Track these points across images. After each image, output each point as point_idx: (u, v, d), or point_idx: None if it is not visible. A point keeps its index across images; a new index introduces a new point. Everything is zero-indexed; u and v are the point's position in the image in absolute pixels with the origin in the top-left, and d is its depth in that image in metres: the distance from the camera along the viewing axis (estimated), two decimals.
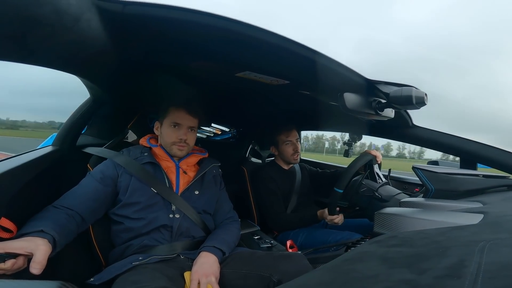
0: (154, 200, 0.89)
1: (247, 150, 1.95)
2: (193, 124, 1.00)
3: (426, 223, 0.58)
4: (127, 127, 1.26)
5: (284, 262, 0.78)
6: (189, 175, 0.99)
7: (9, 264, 0.57)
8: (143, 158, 0.95)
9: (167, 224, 0.88)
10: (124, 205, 0.88)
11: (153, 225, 0.87)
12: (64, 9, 0.43)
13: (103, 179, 0.88)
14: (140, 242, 0.86)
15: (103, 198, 0.87)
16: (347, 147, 1.62)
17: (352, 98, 0.80)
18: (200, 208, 0.96)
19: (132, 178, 0.90)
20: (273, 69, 0.83)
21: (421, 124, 1.15)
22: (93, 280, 0.75)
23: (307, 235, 1.29)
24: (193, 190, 0.97)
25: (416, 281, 0.27)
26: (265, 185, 1.42)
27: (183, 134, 0.97)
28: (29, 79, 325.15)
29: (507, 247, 0.33)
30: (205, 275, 0.75)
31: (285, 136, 1.45)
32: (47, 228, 0.67)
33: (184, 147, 0.98)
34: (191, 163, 1.03)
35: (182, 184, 0.96)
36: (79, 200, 0.82)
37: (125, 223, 0.87)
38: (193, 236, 0.93)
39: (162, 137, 0.99)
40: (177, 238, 0.90)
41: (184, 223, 0.91)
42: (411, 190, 1.55)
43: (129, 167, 0.91)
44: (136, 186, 0.89)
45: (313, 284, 0.34)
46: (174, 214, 0.90)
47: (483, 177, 0.89)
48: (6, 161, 0.82)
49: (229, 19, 0.57)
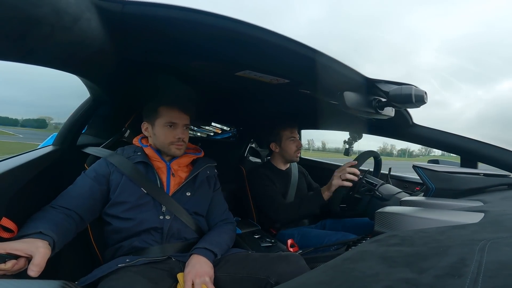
0: (143, 200, 0.88)
1: (246, 149, 1.95)
2: (187, 122, 0.99)
3: (426, 222, 0.58)
4: (125, 126, 1.26)
5: (281, 264, 0.77)
6: (180, 176, 0.98)
7: (9, 264, 0.57)
8: (136, 157, 0.94)
9: (157, 226, 0.87)
10: (113, 204, 0.87)
11: (143, 227, 0.86)
12: (64, 9, 0.43)
13: (97, 178, 0.88)
14: (130, 243, 0.85)
15: (99, 196, 0.87)
16: (347, 146, 1.62)
17: (352, 97, 0.80)
18: (191, 209, 0.94)
19: (123, 176, 0.89)
20: (273, 68, 0.83)
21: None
22: (78, 283, 0.74)
23: (302, 236, 1.26)
24: (185, 192, 0.95)
25: (416, 280, 0.27)
26: (261, 182, 1.38)
27: (180, 133, 0.96)
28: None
29: (508, 246, 0.33)
30: (199, 276, 0.75)
31: (289, 132, 1.42)
32: (46, 230, 0.67)
33: (182, 145, 0.97)
34: (183, 163, 1.01)
35: (173, 185, 0.94)
36: (75, 199, 0.82)
37: (115, 223, 0.87)
38: (185, 238, 0.91)
39: (157, 138, 0.97)
40: (168, 240, 0.88)
41: (175, 225, 0.89)
42: (412, 189, 1.55)
43: (121, 166, 0.90)
44: (126, 185, 0.88)
45: (313, 283, 0.34)
46: (165, 216, 0.88)
47: (484, 175, 0.89)
48: (6, 161, 0.82)
49: (229, 18, 0.56)
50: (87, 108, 1.08)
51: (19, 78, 37.53)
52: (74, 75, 0.81)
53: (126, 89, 1.11)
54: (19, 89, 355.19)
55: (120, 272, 0.74)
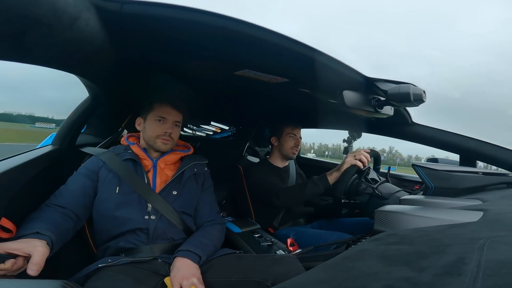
0: (129, 198, 0.87)
1: (244, 148, 1.95)
2: (178, 119, 0.99)
3: (426, 220, 0.58)
4: (121, 126, 1.26)
5: (276, 266, 0.76)
6: (167, 174, 0.96)
7: (9, 264, 0.58)
8: (125, 154, 0.94)
9: (142, 227, 0.86)
10: (99, 200, 0.87)
11: (128, 227, 0.85)
12: (62, 8, 0.43)
13: (87, 174, 0.89)
14: (116, 244, 0.84)
15: (92, 193, 0.87)
16: (346, 145, 1.62)
17: (351, 96, 0.80)
18: (178, 208, 0.92)
19: (110, 173, 0.90)
20: (272, 67, 0.83)
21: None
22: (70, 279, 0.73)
23: (298, 236, 1.25)
24: (171, 190, 0.93)
25: (416, 279, 0.27)
26: (258, 175, 1.38)
27: (169, 127, 0.96)
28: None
29: (507, 245, 0.33)
30: (185, 278, 0.73)
31: (291, 128, 1.43)
32: (42, 230, 0.67)
33: (168, 140, 0.96)
34: (170, 161, 0.99)
35: (159, 183, 0.93)
36: (70, 197, 0.82)
37: (101, 222, 0.87)
38: (172, 239, 0.89)
39: (146, 132, 0.97)
40: (154, 240, 0.87)
41: (160, 225, 0.87)
42: (411, 187, 1.56)
43: (110, 163, 0.91)
44: (112, 180, 0.88)
45: (313, 281, 0.34)
46: (150, 216, 0.87)
47: (483, 174, 0.89)
48: (5, 161, 0.82)
49: (228, 17, 0.56)
50: (86, 108, 1.08)
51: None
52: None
53: (124, 89, 1.11)
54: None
55: (102, 272, 0.74)
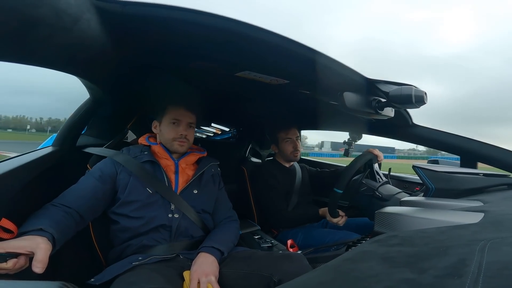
0: (152, 199, 0.89)
1: (247, 150, 1.95)
2: (192, 120, 1.02)
3: (426, 222, 0.58)
4: (127, 127, 1.26)
5: (284, 262, 0.79)
6: (188, 174, 1.00)
7: (10, 263, 0.57)
8: (143, 157, 0.95)
9: (166, 224, 0.89)
10: (123, 204, 0.88)
11: (152, 225, 0.87)
12: (64, 10, 0.43)
13: (102, 177, 0.89)
14: (139, 242, 0.86)
15: (102, 196, 0.87)
16: (347, 147, 1.62)
17: (352, 97, 0.80)
18: (199, 207, 0.96)
19: (131, 176, 0.90)
20: (273, 69, 0.83)
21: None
22: (94, 281, 0.75)
23: (305, 235, 1.29)
24: (192, 189, 0.97)
25: (416, 281, 0.27)
26: (265, 180, 1.41)
27: (183, 130, 0.99)
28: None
29: (508, 246, 0.33)
30: (205, 274, 0.76)
31: (284, 133, 1.47)
32: (46, 226, 0.67)
33: (184, 142, 0.99)
34: (190, 161, 1.03)
35: (181, 183, 0.96)
36: (77, 198, 0.82)
37: (124, 222, 0.88)
38: (192, 236, 0.93)
39: (162, 135, 1.00)
40: (176, 238, 0.90)
41: (183, 223, 0.91)
42: (412, 189, 1.55)
43: (128, 166, 0.91)
44: (134, 184, 0.90)
45: (313, 283, 0.34)
46: (173, 214, 0.90)
47: (484, 175, 0.89)
48: (6, 162, 0.82)
49: (230, 19, 0.56)
50: (87, 109, 1.08)
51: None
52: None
53: (126, 90, 1.11)
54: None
55: (137, 269, 0.76)
